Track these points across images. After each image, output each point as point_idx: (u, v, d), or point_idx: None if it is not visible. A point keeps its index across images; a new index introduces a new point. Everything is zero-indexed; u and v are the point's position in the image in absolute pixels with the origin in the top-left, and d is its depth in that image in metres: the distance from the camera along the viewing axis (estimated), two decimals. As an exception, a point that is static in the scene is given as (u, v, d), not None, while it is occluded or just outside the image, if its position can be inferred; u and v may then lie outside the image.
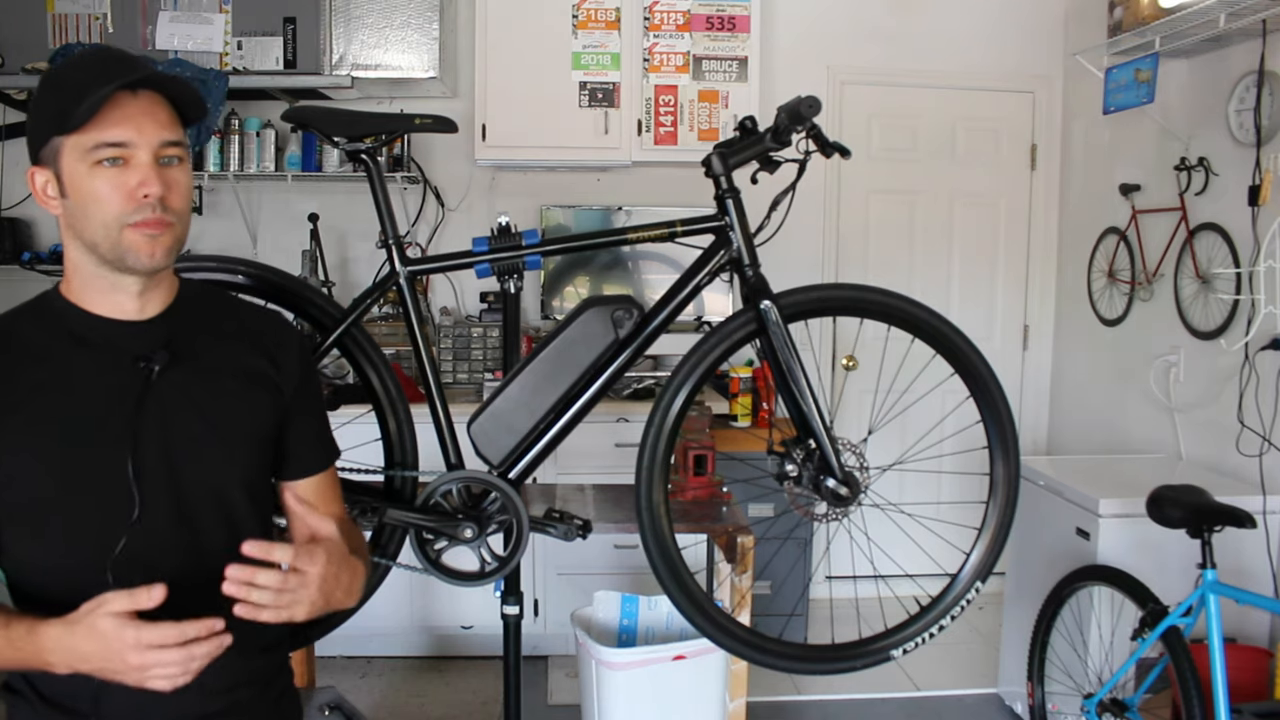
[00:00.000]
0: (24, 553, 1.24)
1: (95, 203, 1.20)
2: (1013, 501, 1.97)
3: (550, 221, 3.84)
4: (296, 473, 1.42)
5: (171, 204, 1.23)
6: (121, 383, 1.24)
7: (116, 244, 1.21)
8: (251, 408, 1.34)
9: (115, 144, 1.19)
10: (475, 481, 1.92)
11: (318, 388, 1.49)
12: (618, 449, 3.45)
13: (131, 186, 1.20)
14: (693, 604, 1.87)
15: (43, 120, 1.23)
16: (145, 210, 1.20)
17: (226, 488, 1.31)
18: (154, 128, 1.21)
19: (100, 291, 1.27)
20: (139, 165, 1.20)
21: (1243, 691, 2.40)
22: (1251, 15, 2.71)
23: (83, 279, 1.27)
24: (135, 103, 1.21)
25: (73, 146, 1.20)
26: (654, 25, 3.72)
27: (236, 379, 1.33)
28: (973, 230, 4.25)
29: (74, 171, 1.21)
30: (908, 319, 1.92)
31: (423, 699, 3.34)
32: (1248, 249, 2.92)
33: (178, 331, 1.30)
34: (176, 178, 1.24)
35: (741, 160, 1.88)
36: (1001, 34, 4.11)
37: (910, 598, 2.20)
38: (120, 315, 1.27)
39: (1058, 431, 4.24)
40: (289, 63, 3.48)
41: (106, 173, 1.20)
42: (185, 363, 1.28)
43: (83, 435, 1.22)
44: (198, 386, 1.29)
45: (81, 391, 1.24)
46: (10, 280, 3.71)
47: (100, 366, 1.25)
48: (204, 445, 1.28)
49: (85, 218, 1.22)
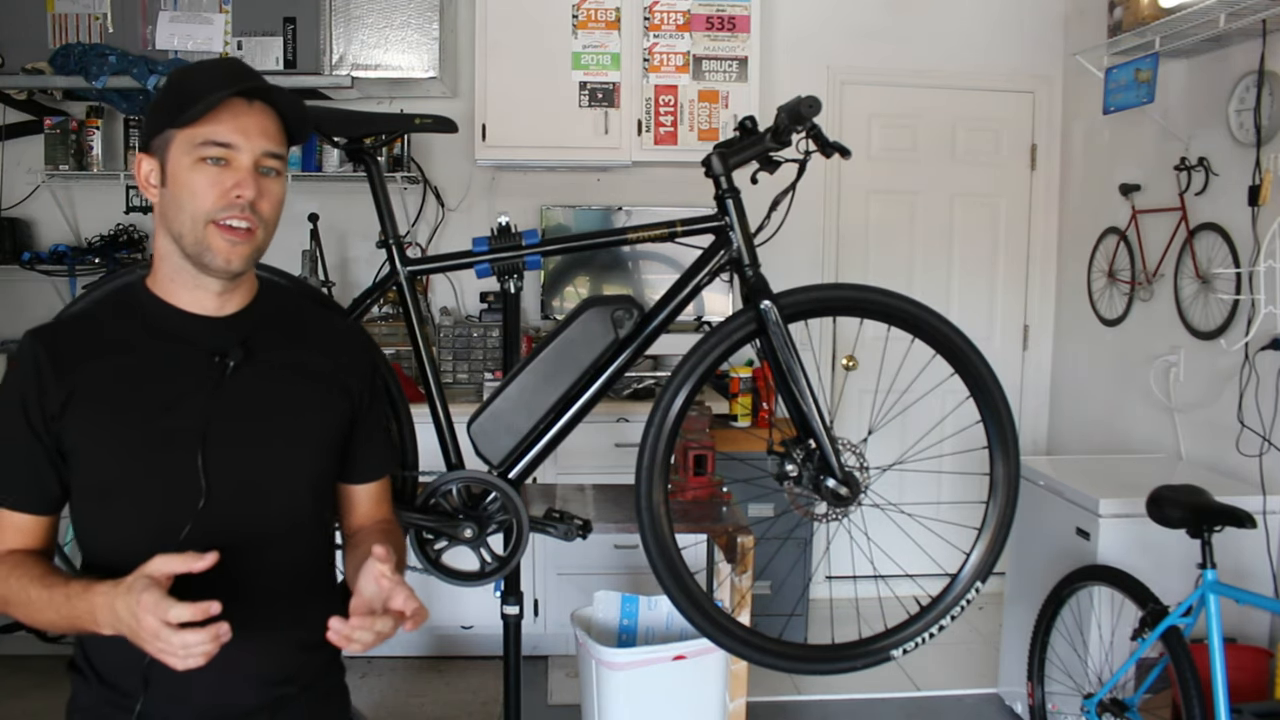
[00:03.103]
0: (96, 529, 1.29)
1: (190, 195, 1.25)
2: (1013, 501, 1.97)
3: (550, 221, 3.84)
4: (357, 477, 1.46)
5: (261, 210, 1.28)
6: (197, 376, 1.29)
7: (200, 239, 1.26)
8: (321, 410, 1.38)
9: (221, 144, 1.25)
10: (475, 481, 1.92)
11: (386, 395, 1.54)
12: (618, 449, 3.45)
13: (227, 186, 1.25)
14: (693, 604, 1.87)
15: (160, 112, 1.28)
16: (234, 210, 1.25)
17: (293, 484, 1.35)
18: (260, 137, 1.27)
19: (184, 286, 1.31)
20: (239, 168, 1.26)
21: (1243, 691, 2.40)
22: (1251, 15, 2.71)
23: (168, 271, 1.32)
24: (248, 111, 1.27)
25: (182, 140, 1.25)
26: (654, 25, 3.72)
27: (308, 381, 1.37)
28: (973, 230, 4.25)
29: (178, 163, 1.25)
30: (908, 319, 1.91)
31: (422, 699, 3.34)
32: (1248, 249, 2.92)
33: (254, 330, 1.34)
34: (271, 188, 1.29)
35: (741, 160, 1.88)
36: (1001, 34, 4.12)
37: (910, 598, 2.20)
38: (200, 311, 1.32)
39: (1058, 431, 4.24)
40: (289, 63, 3.48)
41: (208, 170, 1.25)
42: (259, 361, 1.33)
43: (156, 424, 1.26)
44: (270, 385, 1.33)
45: (158, 382, 1.28)
46: (10, 280, 3.72)
47: (177, 359, 1.29)
48: (273, 441, 1.32)
49: (178, 208, 1.26)
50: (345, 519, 1.48)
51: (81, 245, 3.82)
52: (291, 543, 1.34)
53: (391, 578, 1.21)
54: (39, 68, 3.43)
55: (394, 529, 1.51)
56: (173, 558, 1.13)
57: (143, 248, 3.86)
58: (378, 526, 1.48)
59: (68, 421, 1.25)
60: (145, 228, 3.89)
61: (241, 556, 1.26)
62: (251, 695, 1.31)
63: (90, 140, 3.70)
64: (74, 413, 1.25)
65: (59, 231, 3.87)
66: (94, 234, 3.83)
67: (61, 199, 3.85)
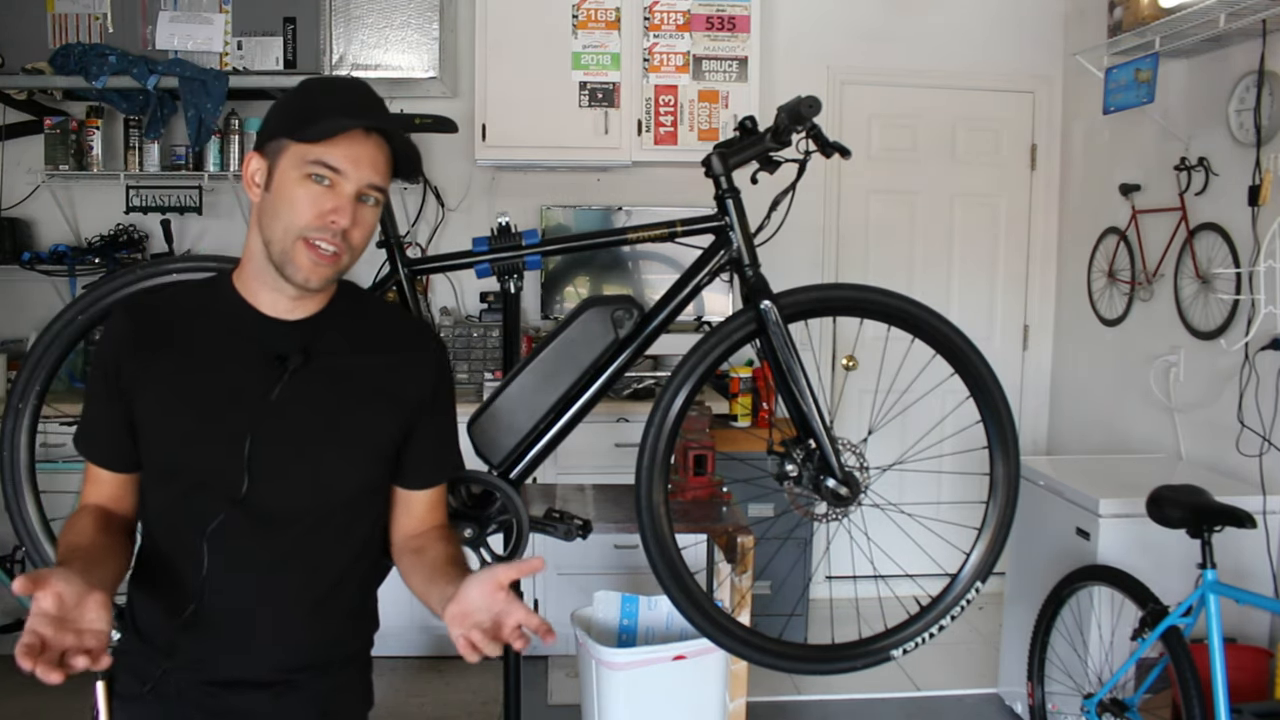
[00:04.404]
0: (152, 503, 1.38)
1: (290, 206, 1.29)
2: (1013, 501, 1.97)
3: (550, 221, 3.84)
4: (412, 484, 1.49)
5: (351, 238, 1.32)
6: (259, 374, 1.34)
7: (287, 250, 1.30)
8: (376, 418, 1.40)
9: (331, 168, 1.29)
10: (475, 481, 1.92)
11: (449, 401, 1.54)
12: (618, 449, 3.45)
13: (326, 209, 1.29)
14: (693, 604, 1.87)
15: (282, 119, 1.32)
16: (326, 233, 1.29)
17: (336, 487, 1.38)
18: (369, 170, 1.31)
19: (264, 286, 1.36)
20: (341, 194, 1.30)
21: (1243, 691, 2.40)
22: (1251, 15, 2.71)
23: (253, 269, 1.36)
24: (365, 142, 1.31)
25: (296, 153, 1.29)
26: (654, 25, 3.72)
27: (366, 388, 1.40)
28: (973, 230, 4.25)
29: (286, 174, 1.29)
30: (908, 319, 1.91)
31: (422, 699, 3.34)
32: (1248, 249, 2.92)
33: (320, 335, 1.38)
34: (366, 217, 1.34)
35: (741, 160, 1.88)
36: (1001, 34, 4.12)
37: (910, 598, 2.20)
38: (274, 313, 1.37)
39: (1058, 431, 4.24)
40: (289, 63, 3.48)
41: (312, 188, 1.29)
42: (320, 365, 1.37)
43: (213, 413, 1.32)
44: (326, 389, 1.37)
45: (223, 374, 1.34)
46: (10, 280, 3.72)
47: (244, 356, 1.35)
48: (323, 448, 1.36)
49: (275, 215, 1.30)
50: (398, 520, 1.50)
51: (81, 245, 3.82)
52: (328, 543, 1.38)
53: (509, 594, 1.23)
54: (39, 68, 3.43)
55: (450, 535, 1.53)
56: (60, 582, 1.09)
57: (143, 248, 3.87)
58: (438, 533, 1.49)
59: (137, 397, 1.32)
60: (145, 228, 3.89)
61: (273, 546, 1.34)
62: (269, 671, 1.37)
63: (90, 140, 3.70)
64: (143, 390, 1.32)
65: (59, 231, 3.87)
66: (94, 234, 3.83)
67: (61, 199, 3.85)
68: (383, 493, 1.47)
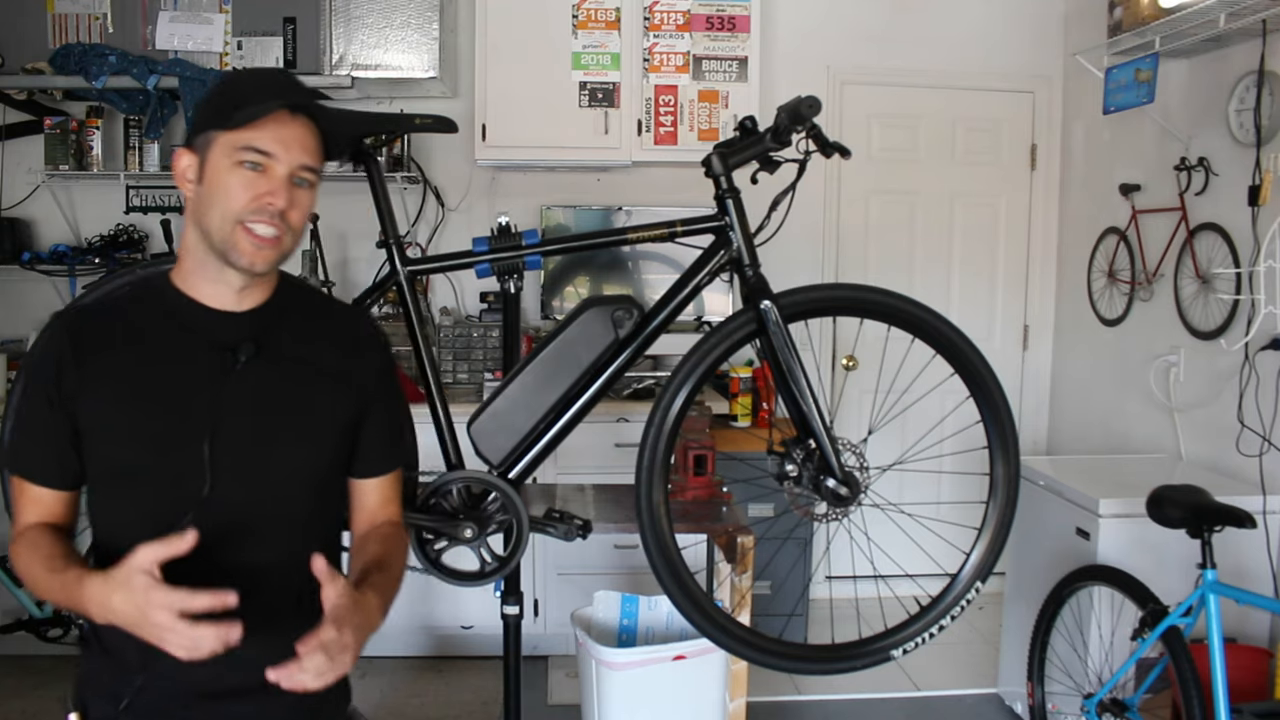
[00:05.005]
0: (108, 512, 1.34)
1: (224, 194, 1.30)
2: (1013, 501, 1.97)
3: (550, 221, 3.84)
4: (363, 472, 1.49)
5: (290, 219, 1.33)
6: (210, 368, 1.33)
7: (227, 237, 1.30)
8: (329, 403, 1.41)
9: (261, 151, 1.29)
10: (475, 481, 1.92)
11: (397, 389, 1.54)
12: (618, 449, 3.45)
13: (261, 192, 1.30)
14: (693, 604, 1.87)
15: (207, 113, 1.33)
16: (264, 215, 1.30)
17: (297, 477, 1.38)
18: (299, 151, 1.32)
19: (206, 279, 1.36)
20: (274, 176, 1.30)
21: (1243, 691, 2.39)
22: (1251, 15, 2.70)
23: (192, 265, 1.36)
24: (292, 123, 1.32)
25: (224, 143, 1.29)
26: (654, 25, 3.72)
27: (318, 374, 1.41)
28: (973, 230, 4.25)
29: (217, 164, 1.30)
30: (908, 319, 1.91)
31: (422, 699, 3.34)
32: (1248, 249, 2.92)
33: (268, 325, 1.38)
34: (301, 198, 1.34)
35: (741, 160, 1.88)
36: (1001, 34, 4.11)
37: (910, 598, 2.20)
38: (219, 305, 1.36)
39: (1058, 431, 4.24)
40: (289, 63, 3.48)
41: (244, 174, 1.29)
42: (271, 355, 1.37)
43: (168, 412, 1.31)
44: (280, 380, 1.37)
45: (173, 372, 1.33)
46: (10, 280, 3.72)
47: (193, 351, 1.34)
48: (279, 435, 1.36)
49: (210, 206, 1.31)
50: (354, 516, 1.50)
51: (81, 245, 3.82)
52: (294, 534, 1.37)
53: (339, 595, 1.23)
54: (39, 68, 3.43)
55: (397, 533, 1.51)
56: (156, 545, 1.16)
57: (143, 248, 3.86)
58: (380, 531, 1.48)
59: (82, 405, 1.30)
60: (145, 228, 3.89)
61: (243, 545, 1.32)
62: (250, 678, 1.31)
63: (90, 140, 3.70)
64: (88, 397, 1.30)
65: (59, 231, 3.87)
66: (94, 234, 3.83)
67: (61, 199, 3.85)
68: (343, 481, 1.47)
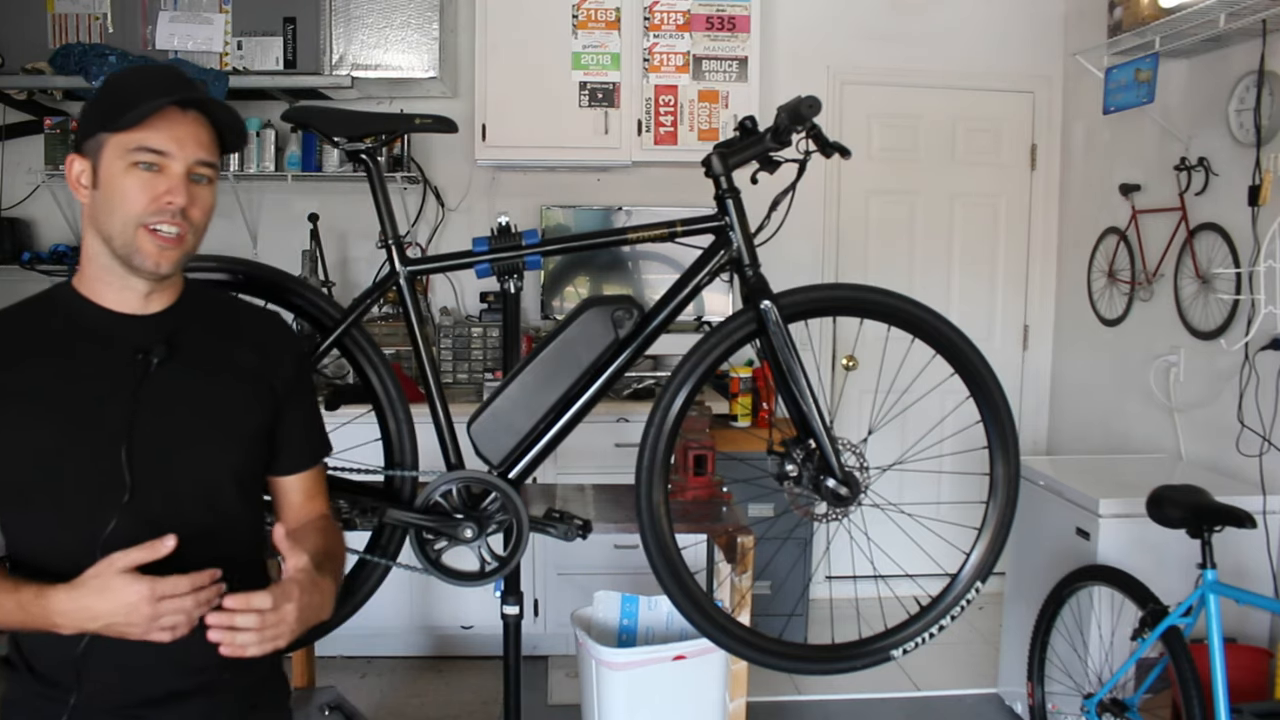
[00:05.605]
0: (22, 529, 1.31)
1: (122, 198, 1.27)
2: (1013, 501, 1.97)
3: (550, 221, 3.84)
4: (285, 468, 1.48)
5: (191, 216, 1.31)
6: (121, 373, 1.30)
7: (129, 242, 1.28)
8: (245, 403, 1.39)
9: (155, 151, 1.27)
10: (475, 481, 1.92)
11: (310, 386, 1.54)
12: (618, 449, 3.45)
13: (159, 192, 1.27)
14: (693, 604, 1.87)
15: (95, 115, 1.30)
16: (165, 215, 1.28)
17: (218, 479, 1.36)
18: (194, 146, 1.30)
19: (110, 286, 1.33)
20: (171, 175, 1.28)
21: (1243, 691, 2.39)
22: (1251, 15, 2.71)
23: (95, 270, 1.33)
24: (183, 120, 1.29)
25: (115, 145, 1.27)
26: (654, 25, 3.72)
27: (232, 375, 1.39)
28: (973, 230, 4.25)
29: (111, 167, 1.28)
30: (908, 319, 1.92)
31: (422, 699, 3.34)
32: (1248, 249, 2.92)
33: (178, 327, 1.36)
34: (201, 195, 1.32)
35: (741, 160, 1.88)
36: (1001, 34, 4.12)
37: (910, 598, 2.20)
38: (125, 309, 1.34)
39: (1058, 431, 4.24)
40: (289, 63, 3.48)
41: (140, 175, 1.27)
42: (183, 357, 1.35)
43: (80, 421, 1.28)
44: (194, 381, 1.35)
45: (82, 380, 1.30)
46: (10, 280, 3.71)
47: (102, 357, 1.31)
48: (197, 437, 1.34)
49: (109, 211, 1.28)
50: (281, 514, 1.50)
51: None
52: (219, 536, 1.34)
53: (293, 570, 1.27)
54: (39, 68, 3.43)
55: (330, 527, 1.51)
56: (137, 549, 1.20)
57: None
58: (315, 525, 1.48)
59: None
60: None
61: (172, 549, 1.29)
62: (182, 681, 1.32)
63: (90, 140, 3.70)
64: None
65: (59, 231, 3.88)
66: (94, 234, 3.83)
67: (61, 199, 3.84)
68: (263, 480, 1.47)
